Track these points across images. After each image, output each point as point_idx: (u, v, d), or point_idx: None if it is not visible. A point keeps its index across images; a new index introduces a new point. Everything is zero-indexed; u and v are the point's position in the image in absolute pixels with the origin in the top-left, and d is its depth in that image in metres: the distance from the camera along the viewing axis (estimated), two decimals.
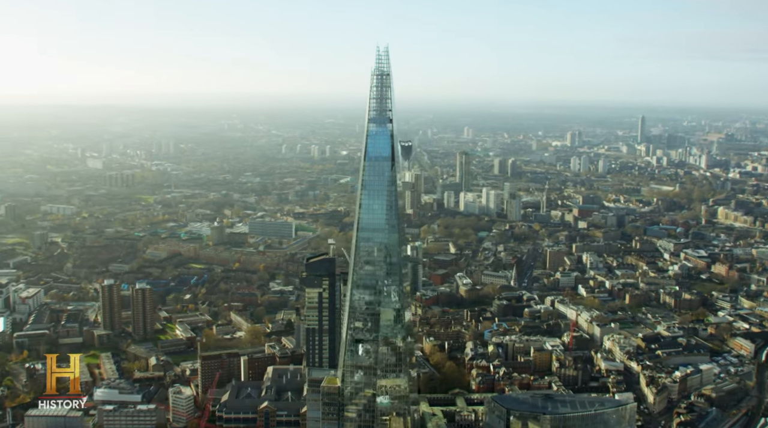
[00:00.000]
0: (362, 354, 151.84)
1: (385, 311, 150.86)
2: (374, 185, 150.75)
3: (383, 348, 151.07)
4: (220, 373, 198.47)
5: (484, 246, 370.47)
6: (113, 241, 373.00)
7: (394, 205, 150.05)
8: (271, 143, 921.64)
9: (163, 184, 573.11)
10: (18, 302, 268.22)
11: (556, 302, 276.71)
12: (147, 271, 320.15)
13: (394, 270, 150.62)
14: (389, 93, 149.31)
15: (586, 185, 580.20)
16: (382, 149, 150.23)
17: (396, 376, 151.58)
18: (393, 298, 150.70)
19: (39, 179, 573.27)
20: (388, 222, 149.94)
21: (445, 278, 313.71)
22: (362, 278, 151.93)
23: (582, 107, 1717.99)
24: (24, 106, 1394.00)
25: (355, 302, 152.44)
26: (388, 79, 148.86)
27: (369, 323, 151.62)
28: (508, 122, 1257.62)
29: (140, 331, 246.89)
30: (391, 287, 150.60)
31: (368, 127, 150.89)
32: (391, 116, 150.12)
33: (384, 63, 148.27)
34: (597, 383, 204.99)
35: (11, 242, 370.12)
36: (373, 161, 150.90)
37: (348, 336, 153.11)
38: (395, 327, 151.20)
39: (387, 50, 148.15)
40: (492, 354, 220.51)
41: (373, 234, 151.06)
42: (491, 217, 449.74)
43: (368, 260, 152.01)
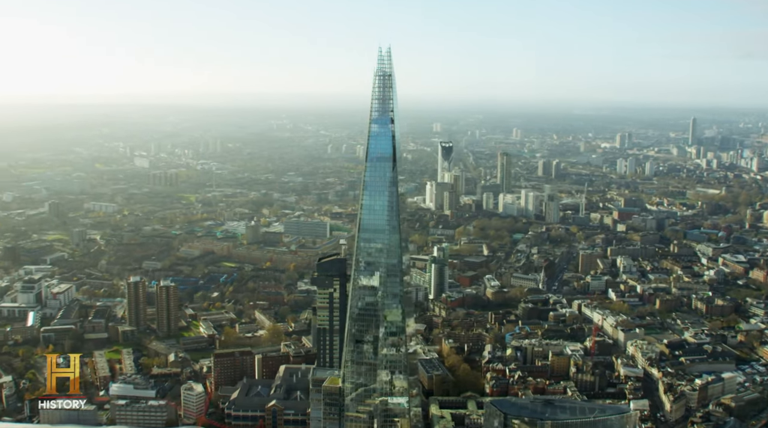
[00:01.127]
0: (362, 355, 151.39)
1: (385, 311, 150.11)
2: (375, 186, 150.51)
3: (383, 349, 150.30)
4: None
5: (518, 248, 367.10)
6: (149, 239, 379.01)
7: (395, 206, 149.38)
8: (318, 143, 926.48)
9: (206, 183, 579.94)
10: (49, 297, 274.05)
11: (582, 306, 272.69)
12: (178, 269, 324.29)
13: (394, 271, 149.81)
14: (391, 93, 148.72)
15: (631, 188, 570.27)
16: (384, 150, 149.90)
17: (395, 376, 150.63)
18: (393, 298, 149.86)
19: (86, 177, 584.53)
20: (389, 223, 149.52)
21: (474, 280, 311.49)
22: (364, 279, 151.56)
23: (633, 108, 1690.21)
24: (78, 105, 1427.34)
25: (356, 303, 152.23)
26: (390, 80, 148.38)
27: (369, 323, 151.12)
28: (558, 123, 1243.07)
29: (164, 328, 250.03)
30: (391, 288, 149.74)
31: (370, 127, 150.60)
32: (392, 116, 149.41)
33: (386, 64, 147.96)
34: (614, 389, 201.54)
35: (51, 238, 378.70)
36: (374, 162, 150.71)
37: (349, 336, 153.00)
38: (395, 328, 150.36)
39: (389, 51, 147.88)
40: (509, 358, 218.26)
41: (374, 235, 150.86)
42: (529, 219, 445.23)
43: (369, 261, 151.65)
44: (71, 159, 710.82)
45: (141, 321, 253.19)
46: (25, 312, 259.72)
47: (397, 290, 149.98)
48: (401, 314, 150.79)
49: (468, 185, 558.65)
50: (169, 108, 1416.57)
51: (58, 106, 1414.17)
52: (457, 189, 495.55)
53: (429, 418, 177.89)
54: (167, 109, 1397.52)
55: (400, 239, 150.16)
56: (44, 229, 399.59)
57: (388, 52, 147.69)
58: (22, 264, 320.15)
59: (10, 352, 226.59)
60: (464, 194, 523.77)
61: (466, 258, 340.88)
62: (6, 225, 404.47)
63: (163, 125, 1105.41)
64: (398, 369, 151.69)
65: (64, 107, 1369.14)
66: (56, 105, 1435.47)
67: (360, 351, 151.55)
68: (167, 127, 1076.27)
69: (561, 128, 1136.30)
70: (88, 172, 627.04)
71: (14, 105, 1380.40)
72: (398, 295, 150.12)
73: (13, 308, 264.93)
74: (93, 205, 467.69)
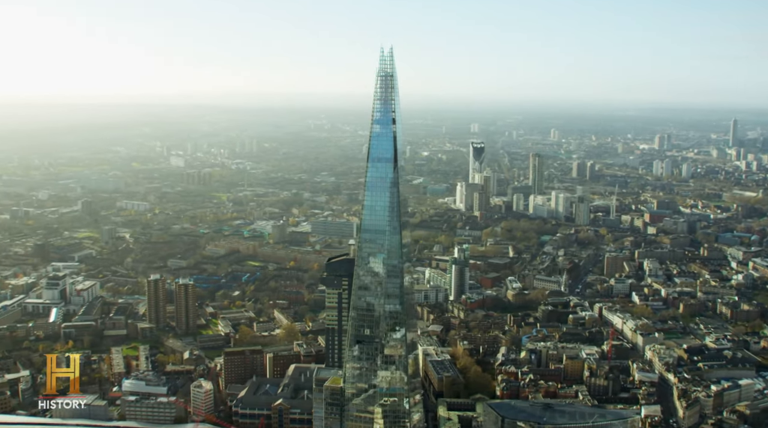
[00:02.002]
0: (363, 355, 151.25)
1: (385, 312, 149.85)
2: (377, 187, 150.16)
3: (383, 350, 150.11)
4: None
5: (544, 250, 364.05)
6: (177, 237, 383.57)
7: (396, 206, 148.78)
8: (354, 143, 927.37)
9: (239, 182, 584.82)
10: (73, 294, 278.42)
11: (603, 309, 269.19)
12: (203, 267, 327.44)
13: (395, 272, 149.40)
14: (393, 94, 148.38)
15: (666, 190, 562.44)
16: (385, 151, 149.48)
17: (395, 377, 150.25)
18: (393, 299, 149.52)
19: (122, 176, 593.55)
20: (390, 224, 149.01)
21: (496, 281, 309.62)
22: (365, 280, 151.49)
23: (675, 109, 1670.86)
24: (120, 105, 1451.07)
25: (358, 303, 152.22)
26: (392, 80, 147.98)
27: (370, 324, 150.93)
28: (598, 124, 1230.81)
29: (183, 326, 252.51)
30: (391, 288, 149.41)
31: (372, 128, 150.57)
32: (394, 117, 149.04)
33: (388, 64, 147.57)
34: (628, 394, 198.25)
35: (81, 236, 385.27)
36: (376, 162, 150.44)
37: (350, 336, 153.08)
38: (395, 328, 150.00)
39: (391, 51, 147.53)
40: (523, 361, 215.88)
41: (375, 235, 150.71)
42: (558, 221, 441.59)
43: (369, 262, 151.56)
44: (109, 158, 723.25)
45: (161, 319, 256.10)
46: (49, 308, 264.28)
47: (397, 290, 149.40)
48: (402, 315, 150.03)
49: (500, 186, 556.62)
50: (208, 108, 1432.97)
51: (99, 106, 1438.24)
52: (487, 190, 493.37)
53: (437, 419, 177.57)
54: (207, 109, 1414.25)
55: (401, 240, 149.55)
56: (76, 227, 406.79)
57: (390, 53, 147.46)
58: (51, 261, 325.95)
59: (30, 347, 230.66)
60: (495, 195, 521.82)
61: (490, 260, 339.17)
62: (39, 223, 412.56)
63: (201, 124, 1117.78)
64: (399, 370, 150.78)
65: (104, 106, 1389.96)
66: (97, 105, 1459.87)
67: (360, 351, 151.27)
68: (205, 126, 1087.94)
69: (600, 129, 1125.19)
70: (124, 171, 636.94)
71: (56, 104, 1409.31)
72: (398, 296, 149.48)
73: (37, 305, 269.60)
74: (125, 203, 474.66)
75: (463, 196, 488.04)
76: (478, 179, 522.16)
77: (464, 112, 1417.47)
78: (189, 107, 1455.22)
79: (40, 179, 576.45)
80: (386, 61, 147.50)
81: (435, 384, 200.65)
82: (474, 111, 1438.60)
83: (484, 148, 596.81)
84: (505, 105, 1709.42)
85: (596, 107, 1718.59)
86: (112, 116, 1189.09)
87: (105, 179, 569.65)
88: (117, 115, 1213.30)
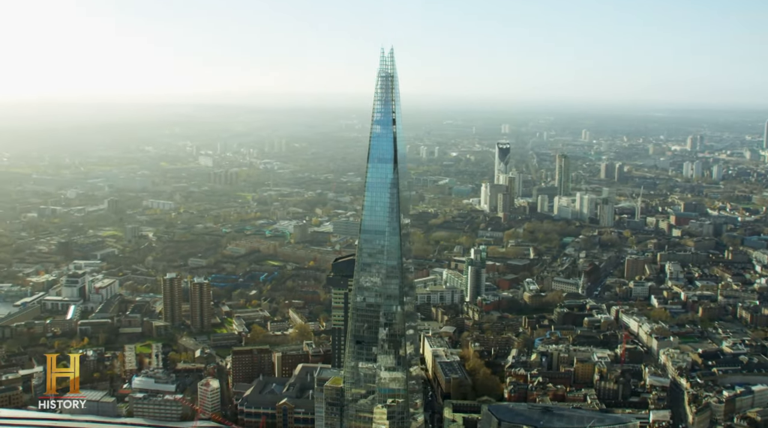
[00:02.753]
0: (362, 355, 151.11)
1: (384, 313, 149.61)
2: (377, 187, 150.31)
3: (381, 351, 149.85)
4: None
5: (566, 252, 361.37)
6: (199, 236, 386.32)
7: (396, 207, 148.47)
8: None
9: (265, 182, 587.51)
10: (92, 291, 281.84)
11: (620, 312, 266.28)
12: (222, 266, 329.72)
13: (394, 273, 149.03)
14: (394, 95, 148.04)
15: (695, 192, 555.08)
16: (385, 151, 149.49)
17: (394, 378, 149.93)
18: (392, 300, 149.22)
19: (150, 175, 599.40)
20: (390, 224, 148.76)
21: (514, 283, 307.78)
22: (364, 280, 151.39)
23: (709, 110, 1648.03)
24: (151, 104, 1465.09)
25: (357, 303, 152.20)
26: (393, 81, 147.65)
27: (369, 324, 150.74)
28: (631, 124, 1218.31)
29: (197, 324, 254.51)
30: (391, 289, 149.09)
31: (372, 128, 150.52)
32: (395, 117, 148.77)
33: (388, 65, 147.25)
34: (638, 398, 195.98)
35: (105, 234, 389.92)
36: (376, 163, 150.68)
37: (350, 336, 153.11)
38: (394, 329, 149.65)
39: (392, 52, 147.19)
40: (533, 363, 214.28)
41: (375, 236, 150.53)
42: (583, 222, 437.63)
43: (370, 262, 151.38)
44: (139, 157, 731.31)
45: (176, 317, 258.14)
46: (67, 306, 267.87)
47: (396, 291, 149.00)
48: (400, 315, 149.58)
49: (526, 187, 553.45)
50: (241, 108, 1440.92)
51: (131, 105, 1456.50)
52: (512, 191, 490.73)
53: (442, 421, 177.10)
54: (240, 109, 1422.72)
55: (401, 241, 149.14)
56: (101, 225, 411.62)
57: (390, 54, 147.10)
58: (73, 259, 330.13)
59: (45, 344, 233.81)
60: (520, 197, 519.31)
61: (509, 261, 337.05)
62: (65, 221, 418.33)
63: (233, 124, 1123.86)
64: (398, 372, 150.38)
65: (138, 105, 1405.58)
66: (128, 104, 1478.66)
67: (360, 351, 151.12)
68: (237, 126, 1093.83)
69: (633, 130, 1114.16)
70: (153, 170, 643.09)
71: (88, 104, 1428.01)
72: (397, 297, 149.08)
73: (56, 302, 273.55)
74: (151, 202, 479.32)
75: (488, 197, 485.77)
76: (503, 180, 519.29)
77: (494, 112, 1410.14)
78: (220, 106, 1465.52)
79: (70, 178, 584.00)
80: (386, 61, 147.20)
81: (443, 385, 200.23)
82: (505, 112, 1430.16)
83: (509, 149, 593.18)
84: (534, 105, 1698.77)
85: (628, 108, 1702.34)
86: (143, 115, 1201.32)
87: (132, 178, 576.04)
88: (148, 114, 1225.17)
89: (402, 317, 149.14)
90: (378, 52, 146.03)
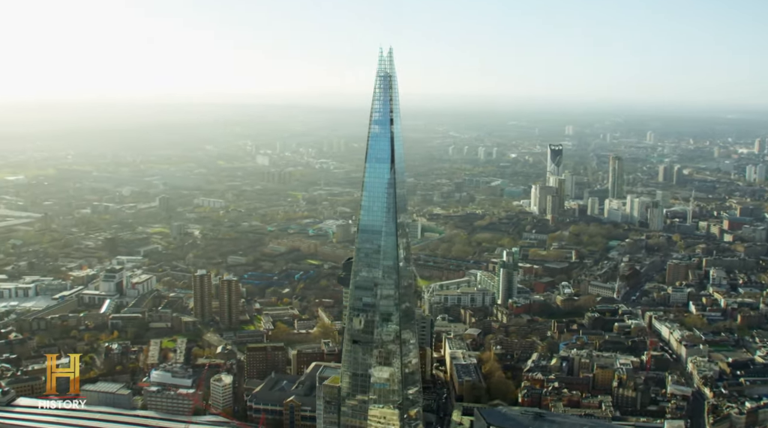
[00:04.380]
0: (357, 355, 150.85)
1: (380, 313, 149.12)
2: (374, 187, 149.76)
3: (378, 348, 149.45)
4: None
5: (609, 256, 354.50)
6: (243, 234, 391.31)
7: (393, 207, 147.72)
8: (443, 145, 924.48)
9: (318, 181, 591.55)
10: (129, 286, 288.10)
11: (653, 318, 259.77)
12: (260, 264, 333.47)
13: (390, 273, 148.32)
14: (392, 95, 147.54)
15: (755, 196, 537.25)
16: (383, 151, 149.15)
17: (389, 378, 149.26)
18: (388, 300, 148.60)
19: (205, 174, 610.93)
20: (386, 225, 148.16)
21: (549, 286, 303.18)
22: (361, 280, 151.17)
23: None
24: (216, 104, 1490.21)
25: (354, 303, 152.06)
26: (391, 81, 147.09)
27: (367, 324, 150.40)
28: (698, 126, 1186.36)
29: (225, 320, 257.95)
30: (386, 289, 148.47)
31: (371, 128, 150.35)
32: (392, 117, 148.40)
33: (387, 65, 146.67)
34: (656, 407, 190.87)
35: (153, 231, 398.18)
36: (373, 163, 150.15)
37: (346, 336, 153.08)
38: (390, 329, 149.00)
39: (390, 52, 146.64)
40: (553, 368, 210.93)
41: (372, 236, 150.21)
42: (632, 225, 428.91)
43: (367, 262, 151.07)
44: (198, 156, 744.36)
45: (206, 313, 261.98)
46: (103, 300, 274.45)
47: (391, 292, 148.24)
48: (395, 316, 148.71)
49: (580, 189, 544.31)
50: (304, 108, 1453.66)
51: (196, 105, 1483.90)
52: (562, 193, 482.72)
53: (450, 424, 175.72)
54: (302, 108, 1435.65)
55: (397, 241, 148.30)
56: (150, 222, 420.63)
57: (389, 54, 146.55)
58: (117, 255, 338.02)
59: (76, 336, 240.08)
60: (572, 199, 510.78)
61: (548, 264, 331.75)
62: (116, 217, 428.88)
63: (294, 124, 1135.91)
64: (394, 374, 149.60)
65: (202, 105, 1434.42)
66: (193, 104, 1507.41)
67: (356, 351, 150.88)
68: (298, 126, 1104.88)
69: (700, 132, 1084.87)
70: (210, 168, 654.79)
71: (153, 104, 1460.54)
72: (393, 297, 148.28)
73: (93, 296, 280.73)
74: (202, 200, 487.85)
75: (537, 199, 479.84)
76: (552, 182, 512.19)
77: (560, 114, 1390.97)
78: (284, 106, 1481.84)
79: (128, 176, 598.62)
80: (385, 61, 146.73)
81: (456, 387, 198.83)
82: (570, 113, 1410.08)
83: (561, 150, 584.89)
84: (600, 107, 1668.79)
85: (697, 110, 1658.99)
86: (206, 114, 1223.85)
87: (187, 176, 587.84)
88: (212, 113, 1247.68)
89: (398, 317, 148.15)
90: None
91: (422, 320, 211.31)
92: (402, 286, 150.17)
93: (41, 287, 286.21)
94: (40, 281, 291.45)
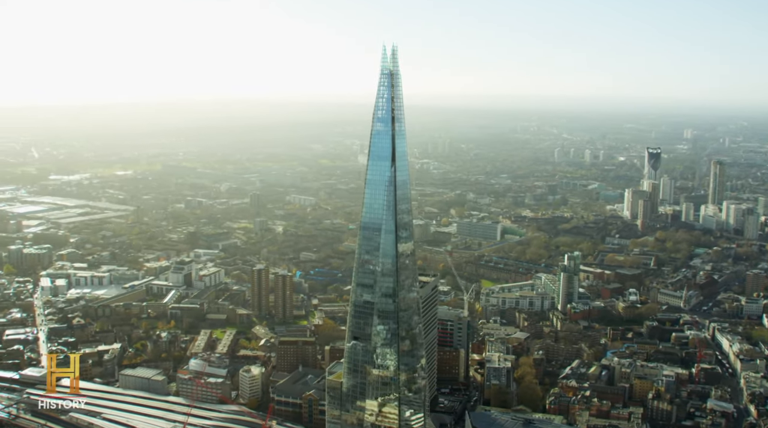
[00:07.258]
0: (358, 352, 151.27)
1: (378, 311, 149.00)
2: (376, 185, 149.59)
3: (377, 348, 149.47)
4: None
5: (691, 263, 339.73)
6: (322, 232, 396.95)
7: (392, 205, 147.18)
8: (552, 147, 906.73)
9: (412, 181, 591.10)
10: (197, 278, 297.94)
11: (717, 329, 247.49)
12: (330, 261, 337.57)
13: (389, 271, 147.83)
14: (396, 92, 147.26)
15: None
16: (384, 149, 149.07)
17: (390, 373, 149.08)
18: (386, 298, 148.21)
19: (305, 172, 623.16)
20: (386, 223, 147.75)
21: (616, 292, 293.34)
22: (362, 277, 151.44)
23: None
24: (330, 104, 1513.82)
25: (356, 300, 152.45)
26: (395, 79, 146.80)
27: (366, 321, 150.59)
28: None
29: (279, 314, 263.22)
30: (385, 287, 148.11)
31: (374, 126, 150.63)
32: (395, 115, 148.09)
33: (391, 62, 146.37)
34: (691, 422, 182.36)
35: (238, 226, 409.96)
36: (376, 161, 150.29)
37: (348, 333, 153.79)
38: (389, 327, 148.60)
39: (394, 50, 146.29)
40: (591, 376, 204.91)
41: (372, 234, 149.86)
42: (726, 233, 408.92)
43: (367, 260, 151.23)
44: (302, 154, 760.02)
45: (263, 307, 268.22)
46: (170, 290, 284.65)
47: (390, 290, 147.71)
48: (393, 314, 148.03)
49: (678, 194, 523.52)
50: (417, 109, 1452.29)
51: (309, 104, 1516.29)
52: (655, 198, 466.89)
53: None
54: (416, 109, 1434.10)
55: (396, 239, 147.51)
56: (237, 217, 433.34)
57: (393, 51, 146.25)
58: (196, 248, 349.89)
59: (134, 324, 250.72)
60: (670, 204, 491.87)
61: (621, 270, 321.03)
62: (206, 212, 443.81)
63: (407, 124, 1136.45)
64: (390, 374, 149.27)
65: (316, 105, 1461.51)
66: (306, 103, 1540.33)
67: (357, 348, 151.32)
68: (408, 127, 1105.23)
69: None
70: (311, 167, 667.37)
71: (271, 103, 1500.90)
72: (391, 294, 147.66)
73: (161, 286, 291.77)
74: (293, 198, 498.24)
75: (630, 203, 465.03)
76: (645, 186, 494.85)
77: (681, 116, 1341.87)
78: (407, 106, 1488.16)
79: (230, 173, 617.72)
80: (389, 59, 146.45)
81: (485, 391, 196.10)
82: (694, 115, 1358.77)
83: (660, 154, 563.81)
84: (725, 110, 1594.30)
85: None
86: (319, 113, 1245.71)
87: (284, 174, 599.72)
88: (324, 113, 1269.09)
89: (396, 315, 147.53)
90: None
91: (459, 320, 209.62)
92: (403, 283, 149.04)
93: (115, 276, 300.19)
94: (115, 271, 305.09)
